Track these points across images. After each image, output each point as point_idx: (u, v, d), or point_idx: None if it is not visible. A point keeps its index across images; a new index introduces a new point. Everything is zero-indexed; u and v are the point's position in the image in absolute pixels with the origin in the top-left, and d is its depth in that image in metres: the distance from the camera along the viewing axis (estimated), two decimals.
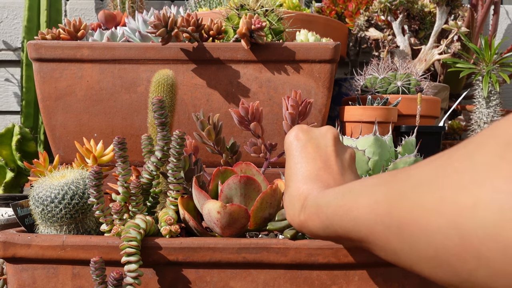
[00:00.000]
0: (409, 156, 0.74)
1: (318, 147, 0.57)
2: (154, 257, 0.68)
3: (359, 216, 0.39)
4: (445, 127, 1.33)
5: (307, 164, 0.56)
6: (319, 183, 0.53)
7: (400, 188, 0.35)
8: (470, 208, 0.28)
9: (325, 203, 0.46)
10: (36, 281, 0.70)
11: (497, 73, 1.24)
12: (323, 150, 0.57)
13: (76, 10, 1.78)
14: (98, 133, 1.04)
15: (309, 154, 0.56)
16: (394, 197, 0.35)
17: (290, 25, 1.13)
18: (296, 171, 0.57)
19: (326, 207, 0.46)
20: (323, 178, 0.54)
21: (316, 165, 0.55)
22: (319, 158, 0.56)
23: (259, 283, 0.68)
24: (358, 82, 1.22)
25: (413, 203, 0.33)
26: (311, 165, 0.55)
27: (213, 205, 0.68)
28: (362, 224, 0.39)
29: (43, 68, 1.03)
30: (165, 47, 1.02)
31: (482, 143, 0.30)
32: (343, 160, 0.57)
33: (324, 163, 0.55)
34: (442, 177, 0.31)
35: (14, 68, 1.77)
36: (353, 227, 0.40)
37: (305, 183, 0.54)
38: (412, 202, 0.33)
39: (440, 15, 1.37)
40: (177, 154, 0.72)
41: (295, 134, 0.60)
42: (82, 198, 0.73)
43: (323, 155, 0.56)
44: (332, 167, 0.55)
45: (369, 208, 0.38)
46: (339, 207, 0.43)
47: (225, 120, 0.98)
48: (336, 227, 0.43)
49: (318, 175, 0.54)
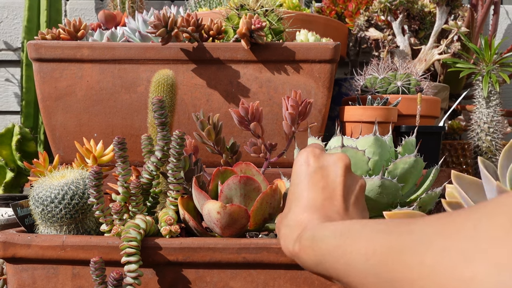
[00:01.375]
0: (409, 156, 0.74)
1: (328, 176, 0.55)
2: (154, 257, 0.68)
3: (353, 262, 0.38)
4: (445, 127, 1.33)
5: (313, 193, 0.54)
6: (321, 214, 0.51)
7: (401, 243, 0.34)
8: (467, 282, 0.27)
9: (321, 238, 0.45)
10: (36, 281, 0.70)
11: (497, 73, 1.24)
12: (332, 180, 0.54)
13: (76, 10, 1.78)
14: (98, 133, 1.04)
15: (317, 183, 0.54)
16: (393, 251, 0.34)
17: (290, 25, 1.13)
18: (300, 197, 0.54)
19: (321, 242, 0.44)
20: (326, 210, 0.52)
21: (322, 195, 0.53)
22: (327, 188, 0.54)
23: (259, 283, 0.68)
24: (358, 82, 1.22)
25: (411, 263, 0.31)
26: (316, 194, 0.53)
27: (213, 205, 0.67)
28: (354, 271, 0.37)
29: (43, 68, 1.03)
30: (165, 47, 1.01)
31: (491, 213, 0.28)
32: (351, 192, 0.55)
33: (330, 194, 0.53)
34: (445, 240, 0.30)
35: (14, 68, 1.77)
36: (344, 272, 0.39)
37: (306, 211, 0.52)
38: (411, 261, 0.32)
39: (440, 15, 1.37)
40: (177, 154, 0.72)
41: (306, 158, 0.57)
42: (82, 198, 0.73)
43: (331, 186, 0.54)
44: (337, 200, 0.53)
45: (365, 256, 0.36)
46: (334, 247, 0.41)
47: (225, 120, 0.98)
48: (328, 266, 0.41)
49: (322, 206, 0.52)
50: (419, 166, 0.76)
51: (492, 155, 1.26)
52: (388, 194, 0.72)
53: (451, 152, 1.32)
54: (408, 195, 0.78)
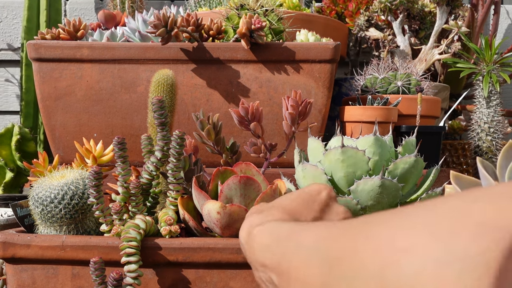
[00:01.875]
0: (409, 156, 0.74)
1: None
2: (154, 258, 0.68)
3: (305, 240, 0.36)
4: (446, 127, 1.33)
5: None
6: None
7: (353, 224, 0.32)
8: (402, 252, 0.25)
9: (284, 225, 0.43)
10: (36, 281, 0.70)
11: (497, 73, 1.24)
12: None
13: (75, 10, 1.78)
14: (97, 133, 1.04)
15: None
16: (344, 230, 0.32)
17: (290, 25, 1.13)
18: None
19: (283, 226, 0.42)
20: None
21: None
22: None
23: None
24: (358, 82, 1.21)
25: (359, 235, 0.29)
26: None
27: (213, 206, 0.67)
28: (304, 250, 0.35)
29: (43, 68, 1.03)
30: (165, 47, 1.01)
31: (451, 196, 0.27)
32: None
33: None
34: (396, 217, 0.28)
35: (13, 68, 1.77)
36: (292, 252, 0.36)
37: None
38: (359, 234, 0.30)
39: (440, 15, 1.36)
40: (177, 154, 0.72)
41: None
42: (82, 198, 0.73)
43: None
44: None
45: (320, 237, 0.34)
46: (292, 231, 0.39)
47: (225, 120, 0.98)
48: (276, 248, 0.39)
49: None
50: (420, 166, 0.75)
51: (492, 155, 1.26)
52: (388, 194, 0.72)
53: (451, 152, 1.32)
54: (408, 195, 0.78)
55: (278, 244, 0.39)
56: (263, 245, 0.41)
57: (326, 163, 0.75)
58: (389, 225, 0.27)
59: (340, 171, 0.74)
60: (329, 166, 0.75)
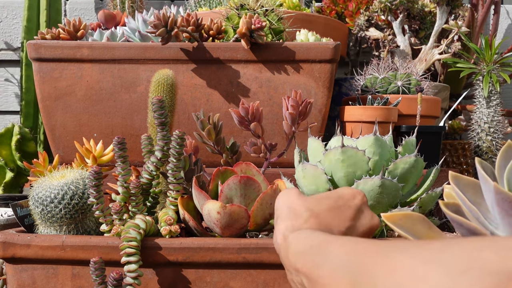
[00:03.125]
0: (409, 156, 0.74)
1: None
2: (154, 258, 0.68)
3: (333, 252, 0.40)
4: (446, 127, 1.33)
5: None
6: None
7: (380, 245, 0.37)
8: (420, 280, 0.30)
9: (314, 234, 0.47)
10: (36, 281, 0.70)
11: (497, 73, 1.24)
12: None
13: (75, 10, 1.78)
14: (98, 133, 1.04)
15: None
16: (370, 252, 0.37)
17: (290, 25, 1.13)
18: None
19: (315, 236, 0.46)
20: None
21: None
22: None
23: (259, 283, 0.68)
24: (358, 82, 1.21)
25: (383, 258, 0.34)
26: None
27: (213, 206, 0.67)
28: (331, 261, 0.39)
29: (43, 68, 1.03)
30: (165, 47, 1.01)
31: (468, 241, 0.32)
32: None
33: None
34: (419, 249, 0.33)
35: (13, 68, 1.77)
36: (321, 262, 0.41)
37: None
38: (384, 257, 0.34)
39: (440, 14, 1.36)
40: (177, 154, 0.72)
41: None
42: (82, 198, 0.73)
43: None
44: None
45: (345, 252, 0.39)
46: (322, 241, 0.44)
47: (225, 120, 0.98)
48: (308, 256, 0.43)
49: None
50: (420, 166, 0.76)
51: (492, 155, 1.26)
52: (388, 194, 0.72)
53: (451, 152, 1.32)
54: (408, 195, 0.78)
55: (310, 252, 0.43)
56: (297, 251, 0.45)
57: (326, 163, 0.75)
58: (410, 255, 0.33)
59: (340, 171, 0.74)
60: (329, 166, 0.75)
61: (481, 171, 0.45)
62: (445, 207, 0.48)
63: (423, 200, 0.74)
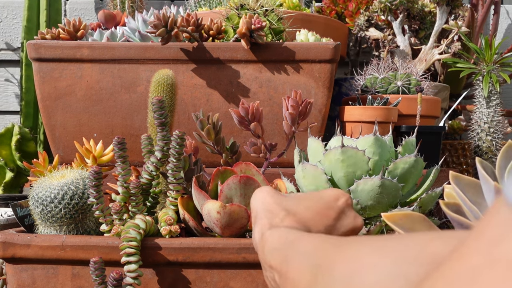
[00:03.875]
0: (409, 156, 0.74)
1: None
2: (154, 258, 0.68)
3: (302, 248, 0.41)
4: (446, 127, 1.33)
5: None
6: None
7: (343, 241, 0.38)
8: (369, 266, 0.32)
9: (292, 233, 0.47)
10: (36, 281, 0.70)
11: (497, 73, 1.24)
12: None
13: (75, 10, 1.78)
14: (97, 133, 1.04)
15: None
16: (335, 246, 0.38)
17: (290, 25, 1.13)
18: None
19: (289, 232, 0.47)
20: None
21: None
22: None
23: (259, 283, 0.68)
24: (358, 82, 1.21)
25: (344, 250, 0.36)
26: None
27: (212, 205, 0.67)
28: (298, 256, 0.40)
29: (43, 68, 1.03)
30: (165, 47, 1.01)
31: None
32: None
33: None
34: (373, 241, 0.35)
35: (13, 68, 1.77)
36: (291, 257, 0.42)
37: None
38: (343, 250, 0.36)
39: (440, 15, 1.36)
40: (177, 154, 0.72)
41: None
42: (82, 198, 0.73)
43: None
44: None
45: (313, 247, 0.40)
46: (294, 237, 0.45)
47: (225, 120, 0.98)
48: (283, 251, 0.44)
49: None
50: (419, 166, 0.76)
51: (492, 155, 1.26)
52: (388, 194, 0.72)
53: (451, 152, 1.32)
54: (408, 195, 0.78)
55: (283, 248, 0.44)
56: (272, 247, 0.45)
57: (326, 163, 0.75)
58: (365, 245, 0.34)
59: (340, 171, 0.74)
60: (329, 166, 0.75)
61: (482, 171, 0.45)
62: (445, 207, 0.48)
63: (423, 200, 0.74)
